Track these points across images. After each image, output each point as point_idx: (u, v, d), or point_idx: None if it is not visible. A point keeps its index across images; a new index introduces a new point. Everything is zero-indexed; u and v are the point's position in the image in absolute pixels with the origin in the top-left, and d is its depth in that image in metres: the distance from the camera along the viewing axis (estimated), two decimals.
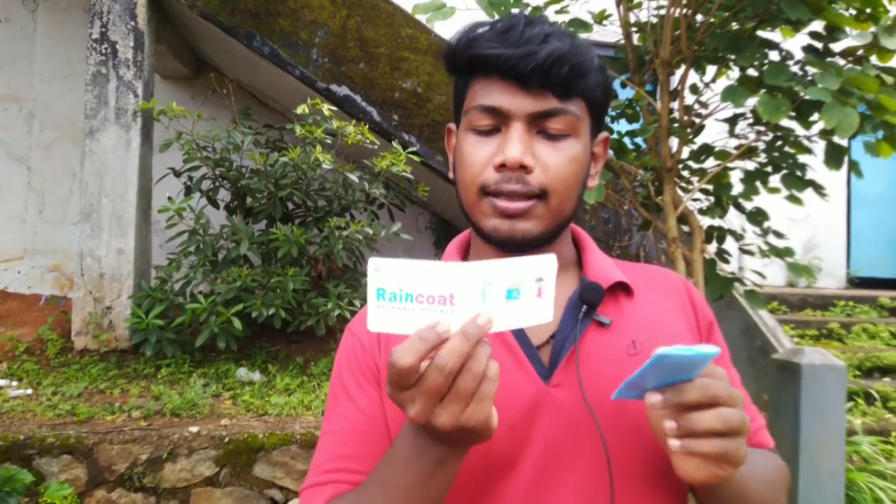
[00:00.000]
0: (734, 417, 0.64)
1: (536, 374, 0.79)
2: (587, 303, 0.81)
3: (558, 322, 0.82)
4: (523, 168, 0.76)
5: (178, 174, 3.86)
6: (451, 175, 0.89)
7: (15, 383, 3.29)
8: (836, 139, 2.33)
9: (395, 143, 3.78)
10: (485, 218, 0.80)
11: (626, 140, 2.95)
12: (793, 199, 2.60)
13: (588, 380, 0.78)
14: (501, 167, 0.77)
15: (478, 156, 0.79)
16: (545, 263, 0.63)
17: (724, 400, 0.65)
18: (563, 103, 0.77)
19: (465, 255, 0.94)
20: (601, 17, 2.70)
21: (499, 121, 0.79)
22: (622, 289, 0.86)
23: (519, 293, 0.61)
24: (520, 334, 0.81)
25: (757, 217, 2.74)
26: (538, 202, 0.78)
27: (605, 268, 0.87)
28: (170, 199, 3.56)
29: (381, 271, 0.58)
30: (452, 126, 0.90)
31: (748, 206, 2.77)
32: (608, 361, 0.79)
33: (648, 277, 0.92)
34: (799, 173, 2.56)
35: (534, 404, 0.77)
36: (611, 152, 3.00)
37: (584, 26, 2.47)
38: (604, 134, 0.87)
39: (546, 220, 0.79)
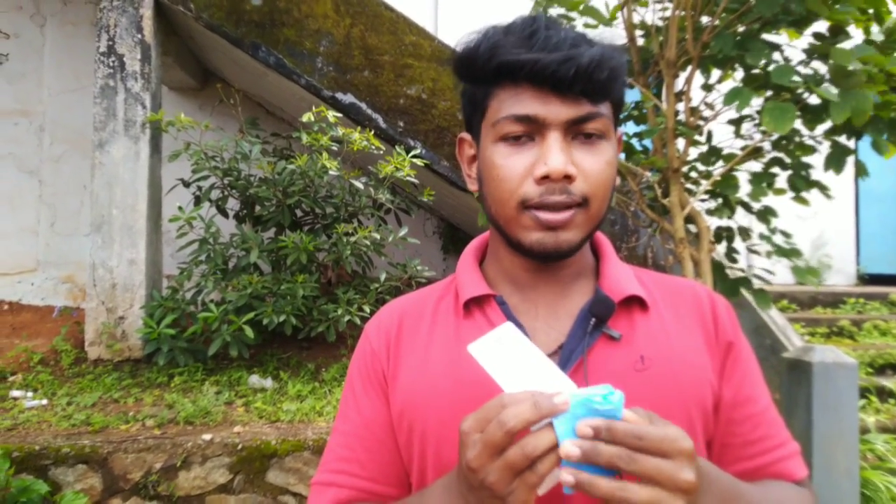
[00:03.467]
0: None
1: None
2: (597, 316, 0.80)
3: (567, 333, 0.81)
4: (567, 178, 0.74)
5: (187, 184, 3.90)
6: (472, 188, 0.86)
7: (30, 394, 3.33)
8: (842, 140, 2.33)
9: (398, 149, 3.80)
10: (526, 231, 0.78)
11: (635, 141, 2.96)
12: (799, 199, 2.60)
13: None
14: (544, 179, 0.74)
15: (514, 169, 0.76)
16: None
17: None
18: (597, 107, 0.76)
19: (481, 261, 0.92)
20: (612, 16, 2.70)
21: (532, 129, 0.76)
22: (637, 302, 0.83)
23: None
24: None
25: (766, 215, 2.74)
26: (579, 210, 0.76)
27: (620, 279, 0.85)
28: (180, 208, 3.59)
29: (503, 341, 0.62)
30: (466, 136, 0.87)
31: (756, 204, 2.77)
32: (614, 375, 0.77)
33: (669, 291, 0.88)
34: (804, 173, 2.56)
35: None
36: (621, 156, 3.01)
37: (600, 17, 2.46)
38: (620, 131, 0.86)
39: (585, 227, 0.78)
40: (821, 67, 2.29)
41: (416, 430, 0.80)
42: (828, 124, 2.31)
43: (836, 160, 2.32)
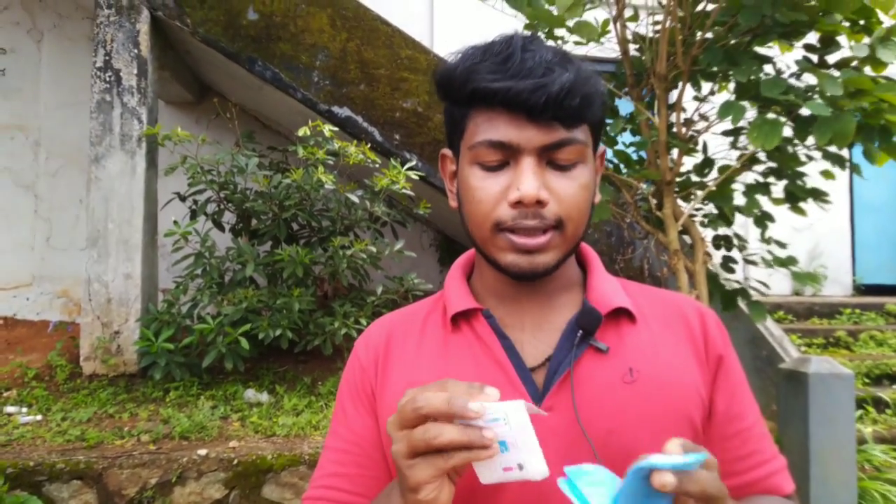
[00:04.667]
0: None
1: (529, 397, 0.78)
2: (584, 328, 0.80)
3: (554, 345, 0.81)
4: (539, 203, 0.75)
5: (183, 198, 3.90)
6: (452, 204, 0.87)
7: (24, 410, 3.31)
8: (834, 149, 2.35)
9: (393, 161, 3.81)
10: (501, 253, 0.79)
11: (632, 152, 2.97)
12: (796, 209, 2.62)
13: (580, 405, 0.77)
14: (517, 204, 0.75)
15: (488, 192, 0.77)
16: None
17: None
18: (571, 132, 0.76)
19: (468, 276, 0.93)
20: (604, 30, 2.73)
21: (507, 155, 0.76)
22: (625, 314, 0.84)
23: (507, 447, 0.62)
24: (513, 353, 0.81)
25: (763, 220, 2.74)
26: (555, 233, 0.77)
27: (608, 291, 0.85)
28: (175, 223, 3.59)
29: None
30: (447, 152, 0.88)
31: (751, 219, 2.78)
32: (602, 387, 0.78)
33: (659, 303, 0.89)
34: (800, 182, 2.58)
35: None
36: (612, 165, 3.02)
37: (591, 31, 2.47)
38: (602, 148, 0.87)
39: (562, 249, 0.79)
40: (812, 79, 2.32)
41: None
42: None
43: (834, 160, 2.34)
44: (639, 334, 0.83)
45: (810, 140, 2.47)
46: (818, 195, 2.58)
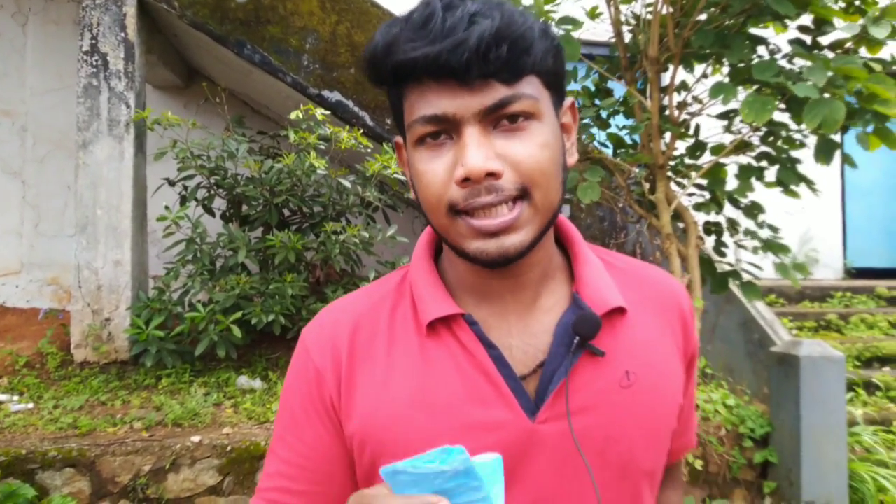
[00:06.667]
0: None
1: (522, 410, 0.71)
2: (582, 335, 0.72)
3: (546, 350, 0.74)
4: (491, 175, 0.65)
5: (172, 183, 3.86)
6: (411, 194, 0.78)
7: (16, 398, 3.29)
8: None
9: (386, 146, 3.79)
10: (464, 240, 0.69)
11: (625, 135, 2.96)
12: (789, 192, 2.61)
13: (577, 414, 0.72)
14: (465, 181, 0.66)
15: (435, 174, 0.68)
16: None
17: None
18: (513, 87, 0.66)
19: (435, 257, 0.83)
20: (593, 14, 2.71)
21: (447, 127, 0.67)
22: (617, 311, 0.77)
23: None
24: (502, 363, 0.72)
25: (752, 210, 2.75)
26: (521, 204, 0.67)
27: (600, 285, 0.77)
28: (167, 208, 3.56)
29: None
30: (400, 140, 0.78)
31: (744, 200, 2.78)
32: (599, 394, 0.73)
33: (643, 284, 0.83)
34: (791, 167, 2.57)
35: (519, 443, 0.71)
36: (609, 150, 3.01)
37: (574, 23, 2.48)
38: (568, 100, 0.76)
39: (536, 223, 0.69)
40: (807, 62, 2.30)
41: (381, 463, 0.73)
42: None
43: (825, 152, 2.34)
44: (632, 331, 0.77)
45: (804, 124, 2.46)
46: (807, 182, 2.57)
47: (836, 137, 2.46)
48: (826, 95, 1.97)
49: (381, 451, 0.73)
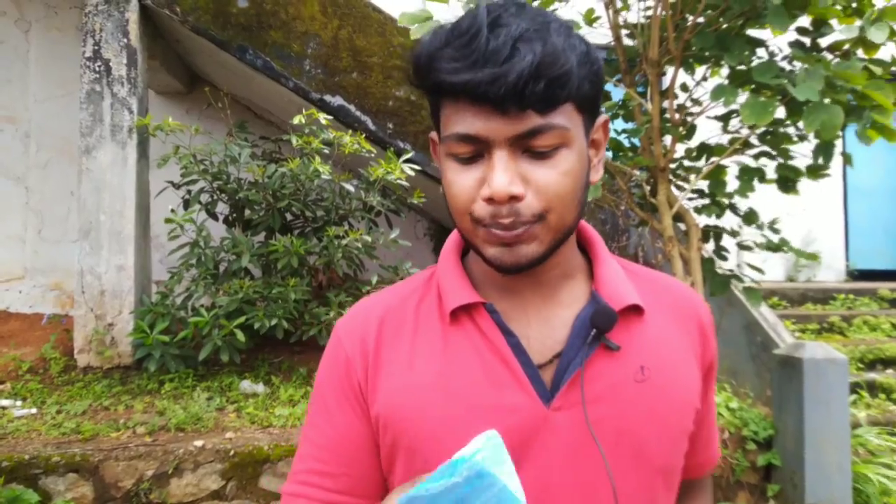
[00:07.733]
0: None
1: (537, 396, 0.75)
2: (598, 327, 0.76)
3: (564, 341, 0.78)
4: (514, 199, 0.69)
5: (176, 186, 3.87)
6: (442, 190, 0.83)
7: (19, 403, 3.30)
8: None
9: (389, 153, 3.80)
10: (484, 245, 0.74)
11: (623, 139, 2.96)
12: (789, 189, 2.61)
13: (591, 405, 0.75)
14: (490, 201, 0.70)
15: (463, 186, 0.73)
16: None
17: None
18: (547, 117, 0.69)
19: (462, 256, 0.88)
20: (590, 18, 2.71)
21: (479, 147, 0.71)
22: (633, 309, 0.80)
23: None
24: (519, 350, 0.77)
25: (751, 217, 2.76)
26: (536, 223, 0.71)
27: (618, 285, 0.81)
28: (173, 211, 3.57)
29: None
30: (435, 136, 0.83)
31: (742, 207, 2.79)
32: (614, 387, 0.76)
33: (663, 293, 0.86)
34: (791, 163, 2.57)
35: (533, 427, 0.75)
36: (609, 154, 3.01)
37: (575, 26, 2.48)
38: (602, 118, 0.79)
39: (548, 238, 0.73)
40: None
41: (402, 446, 0.77)
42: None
43: (824, 151, 2.34)
44: (648, 329, 0.81)
45: (802, 124, 2.47)
46: (811, 172, 2.56)
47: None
48: (826, 101, 1.98)
49: (403, 431, 0.77)
